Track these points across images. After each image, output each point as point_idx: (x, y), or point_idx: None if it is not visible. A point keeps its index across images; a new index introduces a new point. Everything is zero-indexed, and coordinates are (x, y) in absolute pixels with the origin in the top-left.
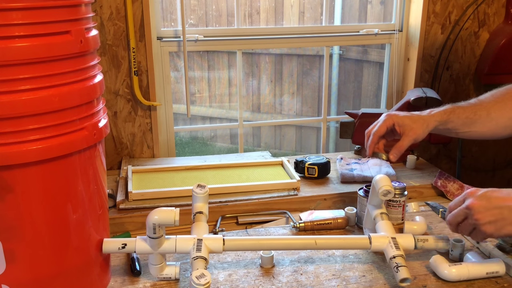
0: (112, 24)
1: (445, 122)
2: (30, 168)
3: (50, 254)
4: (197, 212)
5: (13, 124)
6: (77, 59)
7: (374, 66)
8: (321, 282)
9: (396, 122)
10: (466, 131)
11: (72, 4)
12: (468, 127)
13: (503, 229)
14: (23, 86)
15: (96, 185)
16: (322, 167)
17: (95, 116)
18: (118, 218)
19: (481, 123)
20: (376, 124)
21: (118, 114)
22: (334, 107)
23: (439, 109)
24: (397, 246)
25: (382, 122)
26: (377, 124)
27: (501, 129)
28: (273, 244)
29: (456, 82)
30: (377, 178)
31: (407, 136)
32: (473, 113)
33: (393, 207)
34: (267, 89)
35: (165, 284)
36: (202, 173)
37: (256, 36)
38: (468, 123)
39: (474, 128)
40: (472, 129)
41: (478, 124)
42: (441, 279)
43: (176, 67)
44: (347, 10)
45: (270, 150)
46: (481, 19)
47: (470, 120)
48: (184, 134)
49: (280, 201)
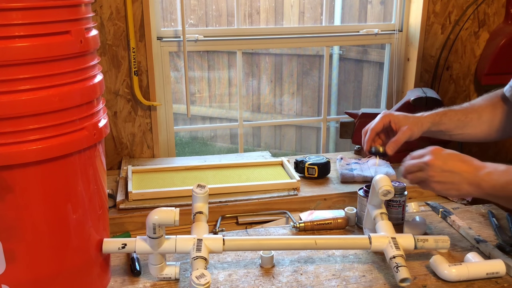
0: (112, 24)
1: (438, 124)
2: (30, 168)
3: (50, 254)
4: (197, 212)
5: (13, 124)
6: (77, 59)
7: (374, 66)
8: (321, 282)
9: (392, 120)
10: (459, 133)
11: (72, 4)
12: (460, 129)
13: (449, 191)
14: (23, 86)
15: (96, 185)
16: (322, 167)
17: (95, 116)
18: (118, 218)
19: (472, 125)
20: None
21: (118, 114)
22: (334, 107)
23: (432, 111)
24: (397, 246)
25: (378, 119)
26: (374, 121)
27: (494, 132)
28: (273, 244)
29: (456, 82)
30: (377, 178)
31: (403, 132)
32: (465, 116)
33: (393, 207)
34: (267, 89)
35: (165, 284)
36: (202, 173)
37: (256, 36)
38: (461, 126)
39: (466, 130)
40: (465, 131)
41: (470, 126)
42: (441, 279)
43: (176, 67)
44: (347, 10)
45: (270, 150)
46: (481, 19)
47: (462, 122)
48: (184, 134)
49: (280, 201)
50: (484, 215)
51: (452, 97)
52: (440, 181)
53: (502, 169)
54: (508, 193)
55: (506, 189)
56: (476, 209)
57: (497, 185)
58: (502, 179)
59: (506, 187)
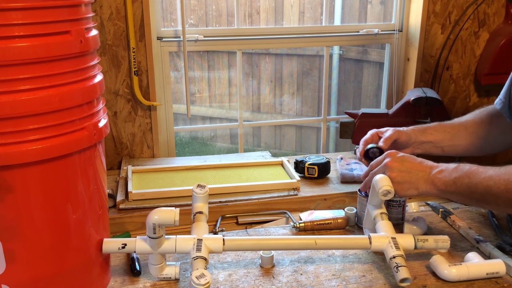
0: (112, 24)
1: (424, 132)
2: (30, 168)
3: (50, 254)
4: (197, 212)
5: (13, 124)
6: (77, 59)
7: (374, 66)
8: (321, 282)
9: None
10: (449, 145)
11: (72, 4)
12: (449, 141)
13: (408, 191)
14: (23, 86)
15: (96, 185)
16: (322, 167)
17: (95, 116)
18: (118, 218)
19: (460, 137)
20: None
21: (118, 114)
22: (334, 107)
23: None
24: (397, 246)
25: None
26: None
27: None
28: (273, 244)
29: (456, 82)
30: (377, 178)
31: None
32: (451, 128)
33: (393, 207)
34: (267, 89)
35: (165, 284)
36: (202, 173)
37: (256, 36)
38: (448, 137)
39: (455, 142)
40: (455, 143)
41: (457, 138)
42: (441, 279)
43: (176, 67)
44: (347, 10)
45: (270, 150)
46: (481, 19)
47: (449, 134)
48: (184, 134)
49: (280, 201)
50: (484, 215)
51: (452, 97)
52: (399, 182)
53: (453, 167)
54: (459, 188)
55: (457, 185)
56: (476, 209)
57: (448, 181)
58: (453, 175)
59: (456, 182)
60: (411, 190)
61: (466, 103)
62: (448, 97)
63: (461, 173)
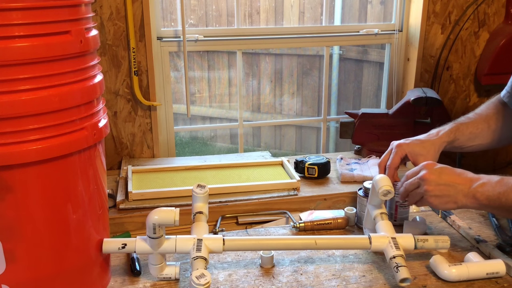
0: (112, 24)
1: (452, 141)
2: (30, 168)
3: (50, 254)
4: (197, 212)
5: (13, 124)
6: (77, 59)
7: (374, 66)
8: (321, 282)
9: (408, 152)
10: (470, 145)
11: (72, 4)
12: (472, 141)
13: (446, 205)
14: (23, 86)
15: (96, 185)
16: (322, 167)
17: (95, 116)
18: (118, 218)
19: (483, 136)
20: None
21: (118, 114)
22: (334, 107)
23: (444, 129)
24: (397, 246)
25: (394, 154)
26: (390, 157)
27: (504, 140)
28: (273, 244)
29: (456, 82)
30: (377, 178)
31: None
32: (475, 128)
33: (403, 208)
34: (267, 89)
35: (165, 284)
36: (202, 173)
37: (256, 36)
38: (472, 138)
39: (477, 141)
40: (476, 143)
41: (480, 137)
42: (441, 279)
43: (176, 67)
44: (347, 10)
45: (270, 150)
46: (481, 19)
47: (474, 134)
48: (184, 134)
49: (280, 201)
50: (484, 215)
51: (452, 97)
52: (437, 195)
53: (496, 180)
54: (503, 203)
55: (501, 200)
56: None
57: (491, 196)
58: (496, 190)
59: (501, 197)
60: (450, 204)
61: (466, 103)
62: (448, 97)
63: (506, 187)
